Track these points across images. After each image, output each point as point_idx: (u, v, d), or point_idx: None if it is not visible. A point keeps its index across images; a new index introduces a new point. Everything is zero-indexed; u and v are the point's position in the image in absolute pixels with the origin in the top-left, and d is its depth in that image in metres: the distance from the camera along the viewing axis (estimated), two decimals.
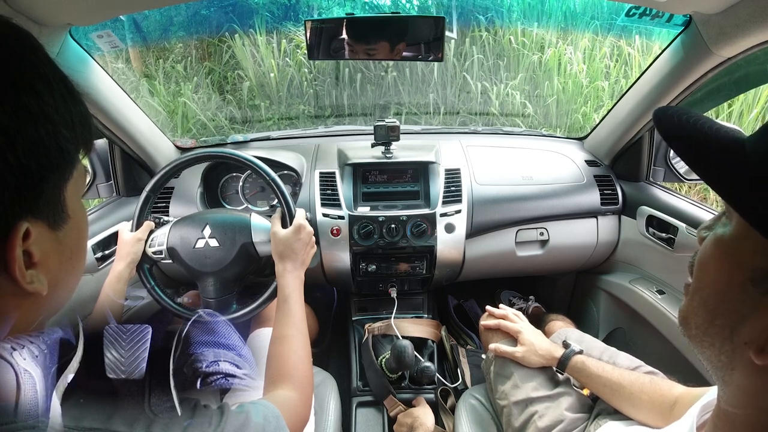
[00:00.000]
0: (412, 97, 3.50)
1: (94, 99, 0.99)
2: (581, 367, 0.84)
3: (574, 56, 3.34)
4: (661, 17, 0.90)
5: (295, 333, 0.75)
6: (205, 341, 0.55)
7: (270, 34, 3.60)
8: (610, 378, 0.79)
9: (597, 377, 0.81)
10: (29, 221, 0.32)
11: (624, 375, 0.79)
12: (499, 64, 3.45)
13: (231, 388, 0.53)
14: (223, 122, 3.47)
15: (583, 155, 1.36)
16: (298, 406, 0.65)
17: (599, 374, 0.81)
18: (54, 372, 0.34)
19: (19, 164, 0.30)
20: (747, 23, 0.74)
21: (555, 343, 0.94)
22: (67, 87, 0.34)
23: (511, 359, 0.93)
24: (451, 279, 1.30)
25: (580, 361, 0.85)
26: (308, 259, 0.88)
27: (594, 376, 0.82)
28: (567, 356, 0.87)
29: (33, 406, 0.31)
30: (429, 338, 1.28)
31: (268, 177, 0.92)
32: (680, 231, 1.08)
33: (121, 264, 0.90)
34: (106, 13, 0.81)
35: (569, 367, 0.86)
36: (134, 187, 1.25)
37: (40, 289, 0.33)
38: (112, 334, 0.39)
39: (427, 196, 1.21)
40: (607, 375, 0.80)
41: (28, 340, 0.33)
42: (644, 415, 0.73)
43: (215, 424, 0.43)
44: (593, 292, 1.46)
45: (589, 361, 0.84)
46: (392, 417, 1.11)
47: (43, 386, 0.32)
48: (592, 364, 0.83)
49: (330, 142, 1.34)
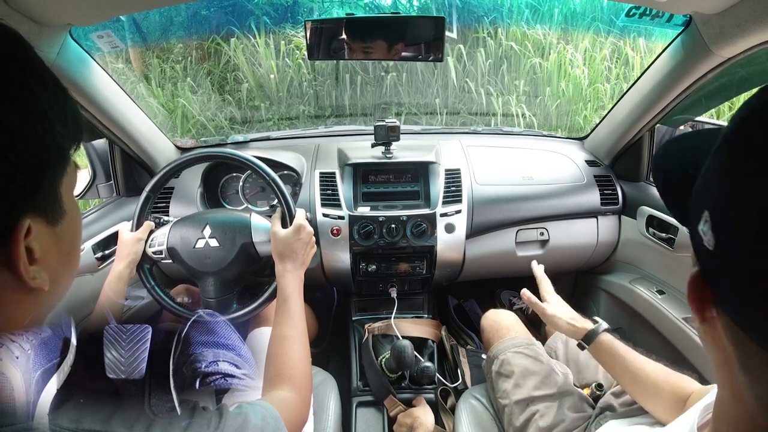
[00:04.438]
0: (412, 97, 3.50)
1: (94, 99, 0.99)
2: (609, 345, 0.79)
3: (575, 58, 3.34)
4: (661, 17, 0.90)
5: (295, 333, 0.75)
6: (204, 341, 0.55)
7: (270, 36, 3.60)
8: (635, 362, 0.75)
9: (622, 358, 0.77)
10: (30, 218, 0.32)
11: (648, 362, 0.76)
12: (500, 64, 3.45)
13: (230, 388, 0.53)
14: (223, 122, 3.47)
15: (583, 155, 1.36)
16: (296, 406, 0.65)
17: (624, 356, 0.77)
18: (40, 374, 0.34)
19: (19, 162, 0.31)
20: (747, 23, 0.74)
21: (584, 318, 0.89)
22: (57, 84, 0.35)
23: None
24: (451, 279, 1.30)
25: (608, 339, 0.80)
26: (308, 259, 0.88)
27: (619, 357, 0.77)
28: (596, 331, 0.81)
29: (10, 409, 0.31)
30: (429, 338, 1.28)
31: (268, 177, 0.92)
32: (680, 231, 1.08)
33: (121, 264, 0.90)
34: (106, 13, 0.81)
35: (596, 342, 0.81)
36: (134, 187, 1.25)
37: (42, 284, 0.34)
38: (112, 334, 0.39)
39: (427, 196, 1.21)
40: (632, 357, 0.76)
41: (9, 339, 0.33)
42: (660, 405, 0.71)
43: (214, 425, 0.43)
44: (593, 292, 1.46)
45: (618, 341, 0.80)
46: (392, 417, 1.11)
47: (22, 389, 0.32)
48: (620, 345, 0.79)
49: (330, 142, 1.34)
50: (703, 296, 0.27)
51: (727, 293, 0.26)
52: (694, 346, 1.01)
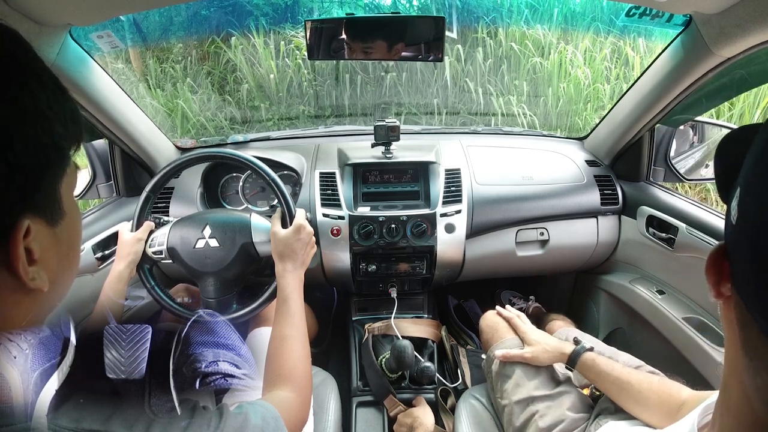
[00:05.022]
0: (412, 97, 3.50)
1: (94, 99, 0.99)
2: (591, 364, 0.83)
3: (575, 58, 3.34)
4: (661, 17, 0.90)
5: (295, 333, 0.75)
6: (204, 341, 0.55)
7: (269, 36, 3.60)
8: (620, 376, 0.78)
9: (606, 375, 0.80)
10: (29, 218, 0.32)
11: (633, 374, 0.78)
12: (500, 64, 3.45)
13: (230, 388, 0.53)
14: (223, 122, 3.47)
15: (583, 155, 1.36)
16: (296, 406, 0.65)
17: (609, 372, 0.80)
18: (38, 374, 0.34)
19: (19, 162, 0.30)
20: (747, 23, 0.74)
21: (563, 340, 0.94)
22: (56, 84, 0.35)
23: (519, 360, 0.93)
24: (451, 279, 1.30)
25: (590, 357, 0.84)
26: (308, 259, 0.88)
27: (603, 373, 0.80)
28: (578, 352, 0.86)
29: (7, 409, 0.31)
30: (429, 338, 1.28)
31: (268, 177, 0.92)
32: (680, 231, 1.08)
33: (121, 264, 0.90)
34: (106, 13, 0.81)
35: (579, 363, 0.85)
36: (134, 187, 1.25)
37: (41, 285, 0.34)
38: (112, 334, 0.39)
39: (427, 196, 1.21)
40: (616, 373, 0.79)
41: (6, 339, 0.33)
42: (651, 415, 0.72)
43: (214, 425, 0.43)
44: (593, 292, 1.46)
45: (599, 358, 0.83)
46: (392, 417, 1.11)
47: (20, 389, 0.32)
48: (602, 361, 0.82)
49: (330, 142, 1.34)
50: (721, 270, 0.29)
51: (740, 268, 0.27)
52: (694, 346, 1.01)
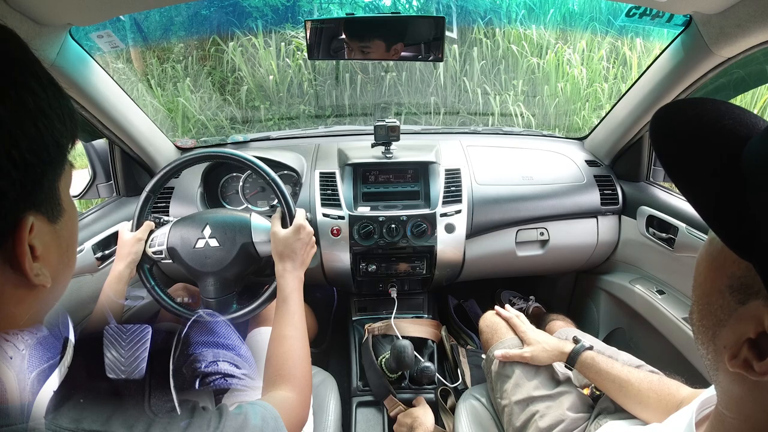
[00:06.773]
0: (412, 97, 3.50)
1: (94, 99, 0.99)
2: (591, 363, 0.83)
3: (572, 58, 3.34)
4: (661, 17, 0.90)
5: (295, 333, 0.75)
6: (204, 341, 0.55)
7: (270, 36, 3.60)
8: (619, 375, 0.78)
9: (606, 374, 0.80)
10: (32, 215, 0.33)
11: (632, 373, 0.78)
12: (499, 65, 3.45)
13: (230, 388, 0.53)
14: (223, 122, 3.47)
15: (583, 155, 1.36)
16: (296, 406, 0.65)
17: (608, 371, 0.80)
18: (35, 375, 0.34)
19: (22, 160, 0.31)
20: (747, 23, 0.75)
21: (562, 339, 0.94)
22: (54, 83, 0.35)
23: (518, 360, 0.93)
24: (451, 279, 1.30)
25: (590, 356, 0.84)
26: (308, 259, 0.88)
27: (603, 372, 0.81)
28: (577, 351, 0.86)
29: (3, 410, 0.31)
30: (429, 338, 1.28)
31: (268, 177, 0.93)
32: (680, 231, 1.08)
33: (121, 264, 0.90)
34: (106, 13, 0.81)
35: (579, 362, 0.85)
36: (134, 187, 1.25)
37: (44, 281, 0.34)
38: (112, 335, 0.39)
39: (427, 196, 1.21)
40: (616, 372, 0.79)
41: (3, 339, 0.33)
42: (650, 413, 0.72)
43: (214, 425, 0.43)
44: (593, 292, 1.46)
45: (599, 357, 0.84)
46: (392, 417, 1.11)
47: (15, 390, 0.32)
48: (601, 360, 0.83)
49: (330, 142, 1.34)
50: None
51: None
52: (693, 346, 1.01)
